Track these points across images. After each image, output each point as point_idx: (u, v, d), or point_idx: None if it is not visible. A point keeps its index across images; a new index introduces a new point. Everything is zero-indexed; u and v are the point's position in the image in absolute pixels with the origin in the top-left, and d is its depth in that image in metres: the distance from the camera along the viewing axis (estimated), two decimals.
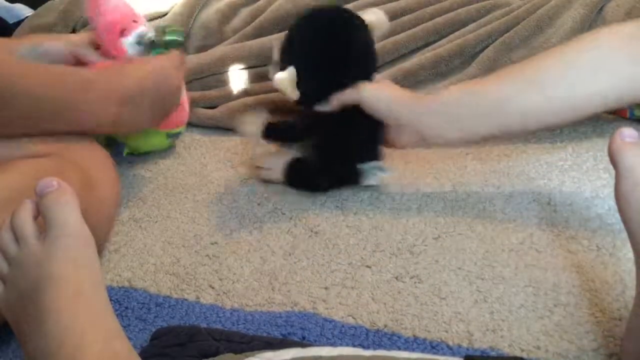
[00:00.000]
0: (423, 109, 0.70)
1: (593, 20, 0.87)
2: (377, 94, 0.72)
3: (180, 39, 0.85)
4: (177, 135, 0.93)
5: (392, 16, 1.00)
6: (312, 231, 0.74)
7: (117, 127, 0.75)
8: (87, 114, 0.70)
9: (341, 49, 0.72)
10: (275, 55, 0.75)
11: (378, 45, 0.96)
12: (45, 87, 0.67)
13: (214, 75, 1.02)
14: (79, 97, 0.69)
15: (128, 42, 0.82)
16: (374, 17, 0.74)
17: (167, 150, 0.94)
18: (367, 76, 0.74)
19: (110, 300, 0.51)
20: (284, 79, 0.72)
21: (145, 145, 0.92)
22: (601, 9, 0.87)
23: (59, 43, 0.80)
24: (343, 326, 0.60)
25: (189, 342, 0.55)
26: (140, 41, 0.83)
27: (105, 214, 0.69)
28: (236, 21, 1.10)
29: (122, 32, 0.82)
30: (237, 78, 1.02)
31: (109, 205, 0.70)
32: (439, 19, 0.99)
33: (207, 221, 0.78)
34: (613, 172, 0.50)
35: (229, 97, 0.99)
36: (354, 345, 0.58)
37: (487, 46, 0.95)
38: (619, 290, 0.61)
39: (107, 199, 0.69)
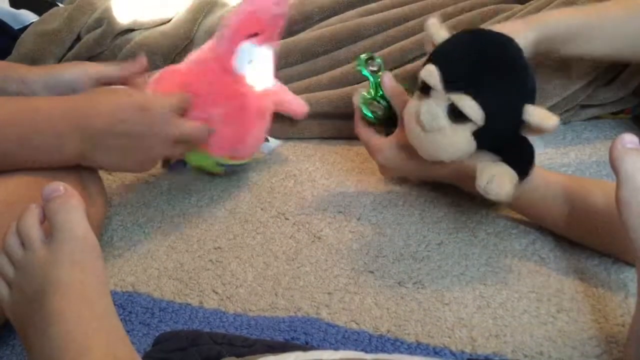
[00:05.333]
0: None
1: None
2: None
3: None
4: (232, 166, 0.85)
5: (396, 22, 1.00)
6: (315, 236, 0.74)
7: (87, 162, 0.70)
8: (45, 149, 0.65)
9: None
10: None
11: (383, 52, 0.97)
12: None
13: None
14: (31, 133, 0.64)
15: (239, 58, 0.76)
16: None
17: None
18: None
19: (114, 304, 0.52)
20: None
21: (194, 160, 0.85)
22: None
23: (77, 70, 0.75)
24: (346, 331, 0.60)
25: (191, 347, 0.55)
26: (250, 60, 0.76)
27: (97, 220, 0.70)
28: None
29: (248, 39, 0.76)
30: None
31: (100, 213, 0.71)
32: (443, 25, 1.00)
33: (211, 226, 0.78)
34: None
35: None
36: (356, 351, 0.58)
37: None
38: (622, 296, 0.61)
39: (99, 207, 0.71)
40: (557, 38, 0.73)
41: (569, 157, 0.83)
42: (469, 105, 0.61)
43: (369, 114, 0.76)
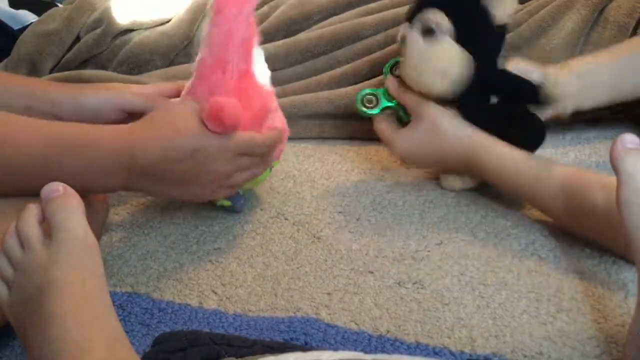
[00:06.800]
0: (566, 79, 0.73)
1: (595, 21, 0.88)
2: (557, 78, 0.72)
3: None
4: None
5: (395, 22, 1.00)
6: (314, 237, 0.74)
7: (132, 190, 0.70)
8: (90, 178, 0.63)
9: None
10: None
11: (383, 52, 0.96)
12: (40, 149, 0.61)
13: None
14: (74, 165, 0.62)
15: None
16: None
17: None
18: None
19: (114, 305, 0.51)
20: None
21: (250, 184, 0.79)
22: (602, 9, 0.88)
23: (103, 98, 0.74)
24: (346, 332, 0.60)
25: (191, 347, 0.55)
26: None
27: (97, 221, 0.69)
28: None
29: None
30: None
31: (100, 213, 0.70)
32: None
33: (210, 227, 0.78)
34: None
35: None
36: (356, 351, 0.58)
37: None
38: (622, 296, 0.61)
39: (99, 207, 0.70)
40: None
41: (568, 157, 0.83)
42: (434, 13, 0.71)
43: (370, 112, 0.81)
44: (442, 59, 0.72)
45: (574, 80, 0.73)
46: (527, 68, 0.73)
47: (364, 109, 0.80)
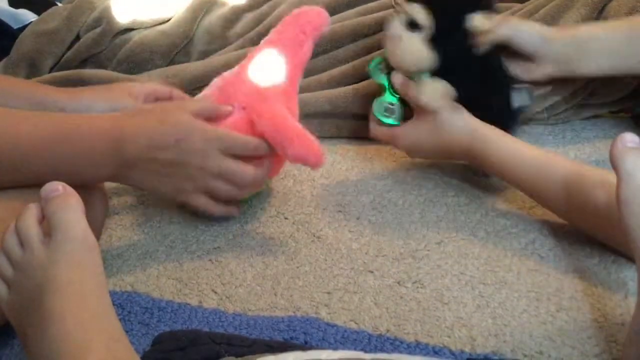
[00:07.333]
0: (558, 39, 0.76)
1: (595, 19, 0.87)
2: (527, 27, 0.76)
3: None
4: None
5: None
6: (314, 236, 0.74)
7: (121, 182, 0.72)
8: (78, 169, 0.65)
9: None
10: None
11: (382, 52, 0.96)
12: (31, 139, 0.62)
13: None
14: (69, 153, 0.64)
15: None
16: None
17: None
18: None
19: (113, 304, 0.52)
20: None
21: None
22: (603, 8, 0.88)
23: (109, 101, 0.76)
24: (345, 331, 0.60)
25: (191, 346, 0.55)
26: None
27: (96, 220, 0.70)
28: (240, 26, 1.10)
29: None
30: None
31: (99, 213, 0.71)
32: None
33: (210, 226, 0.78)
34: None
35: None
36: (356, 350, 0.58)
37: None
38: (622, 295, 0.61)
39: (98, 206, 0.70)
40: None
41: (568, 156, 0.83)
42: (418, 11, 0.74)
43: (390, 121, 0.80)
44: (415, 49, 0.75)
45: (572, 45, 0.76)
46: (522, 27, 0.76)
47: (385, 119, 0.81)
